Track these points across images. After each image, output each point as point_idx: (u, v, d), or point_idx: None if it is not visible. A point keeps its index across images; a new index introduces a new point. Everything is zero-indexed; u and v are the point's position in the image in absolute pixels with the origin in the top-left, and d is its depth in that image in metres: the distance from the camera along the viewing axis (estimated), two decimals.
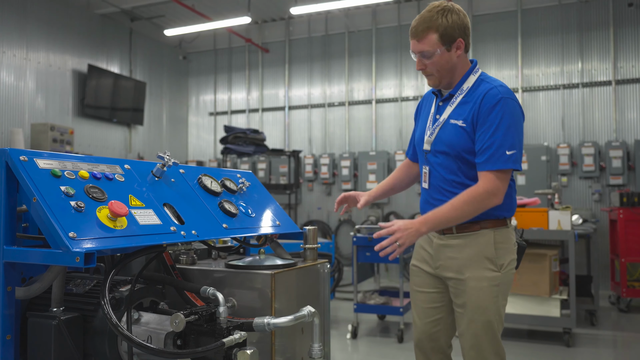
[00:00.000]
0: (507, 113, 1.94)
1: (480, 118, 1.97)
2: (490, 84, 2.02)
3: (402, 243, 1.88)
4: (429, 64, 2.04)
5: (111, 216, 1.44)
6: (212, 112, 10.55)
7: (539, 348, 4.54)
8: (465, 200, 1.93)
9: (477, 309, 2.02)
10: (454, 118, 2.05)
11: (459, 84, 2.08)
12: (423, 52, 2.02)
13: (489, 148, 1.93)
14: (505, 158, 1.92)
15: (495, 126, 1.93)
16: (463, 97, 2.05)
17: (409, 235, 1.89)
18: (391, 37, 8.96)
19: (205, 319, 1.48)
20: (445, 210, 1.95)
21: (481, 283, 2.01)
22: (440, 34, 1.98)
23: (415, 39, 2.03)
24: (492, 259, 2.03)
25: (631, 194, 6.04)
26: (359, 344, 4.76)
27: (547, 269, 4.58)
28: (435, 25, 1.98)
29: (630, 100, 7.54)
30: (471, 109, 2.00)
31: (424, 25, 1.99)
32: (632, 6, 7.53)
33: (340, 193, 8.92)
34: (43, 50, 7.76)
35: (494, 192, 1.93)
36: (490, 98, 1.97)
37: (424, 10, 2.04)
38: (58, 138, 7.34)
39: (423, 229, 1.92)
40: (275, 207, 2.10)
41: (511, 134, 1.94)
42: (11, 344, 1.45)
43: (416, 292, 2.27)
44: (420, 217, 1.99)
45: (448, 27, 1.98)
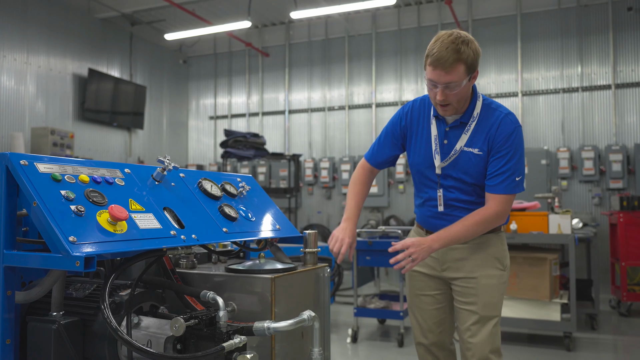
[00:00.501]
0: (519, 142, 2.09)
1: (496, 145, 2.07)
2: (500, 111, 2.12)
3: (415, 257, 2.00)
4: (450, 95, 2.02)
5: (111, 220, 1.44)
6: (212, 116, 10.56)
7: (540, 352, 4.53)
8: (477, 221, 2.07)
9: (488, 305, 2.17)
10: (468, 146, 2.12)
11: (469, 111, 2.12)
12: (450, 83, 1.98)
13: (502, 174, 2.06)
14: (515, 184, 2.08)
15: (511, 155, 2.06)
16: (475, 124, 2.11)
17: (422, 251, 2.00)
18: (391, 41, 8.98)
19: (205, 323, 1.47)
20: (457, 230, 2.07)
21: (491, 281, 2.17)
22: (468, 66, 1.99)
23: (442, 70, 1.96)
24: (500, 259, 2.21)
25: (631, 197, 6.04)
26: (359, 348, 4.75)
27: (548, 273, 4.57)
28: (464, 57, 1.96)
29: (630, 104, 7.55)
30: (486, 137, 2.09)
31: (454, 56, 1.95)
32: (632, 10, 7.55)
33: (341, 197, 8.99)
34: (43, 54, 7.78)
35: (503, 214, 2.10)
36: (506, 127, 2.07)
37: (445, 40, 1.97)
38: (58, 142, 7.35)
39: (435, 245, 2.03)
40: (276, 211, 2.10)
41: (521, 161, 2.09)
42: (11, 348, 1.45)
43: (419, 295, 2.34)
44: (432, 235, 2.08)
45: (474, 59, 2.00)
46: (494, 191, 2.07)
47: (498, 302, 2.19)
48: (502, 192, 2.07)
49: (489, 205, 2.08)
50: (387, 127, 2.32)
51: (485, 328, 2.15)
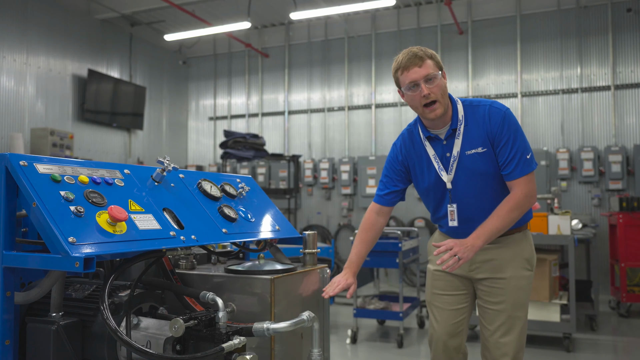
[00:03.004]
0: (514, 122, 2.14)
1: (496, 136, 2.13)
2: (484, 104, 2.19)
3: (461, 256, 2.01)
4: (433, 88, 2.11)
5: (111, 221, 1.44)
6: (212, 117, 10.56)
7: (539, 353, 4.53)
8: (510, 207, 2.09)
9: (517, 305, 2.22)
10: (468, 149, 2.16)
11: (454, 117, 2.19)
12: (428, 74, 2.10)
13: (513, 158, 2.11)
14: (529, 162, 2.13)
15: (513, 138, 2.11)
16: (464, 127, 2.18)
17: (467, 249, 2.02)
18: (391, 42, 8.98)
19: (204, 324, 1.47)
20: (494, 223, 2.09)
21: (521, 282, 2.23)
22: (434, 61, 2.13)
23: (415, 66, 2.10)
24: (529, 259, 2.27)
25: (630, 198, 6.04)
26: (358, 349, 4.75)
27: (547, 274, 4.57)
28: (428, 54, 2.13)
29: (629, 105, 7.56)
30: (483, 132, 2.14)
31: (420, 54, 2.12)
32: (631, 12, 7.55)
33: (340, 197, 9.00)
34: (43, 55, 7.78)
35: (531, 194, 2.13)
36: (496, 116, 2.14)
37: (407, 51, 2.17)
38: (58, 143, 7.35)
39: (478, 242, 2.05)
40: (275, 212, 2.10)
41: (524, 139, 2.15)
42: (10, 349, 1.45)
43: (439, 295, 2.37)
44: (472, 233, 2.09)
45: (436, 57, 2.16)
46: (513, 177, 2.11)
47: (526, 302, 2.25)
48: (521, 175, 2.10)
49: (515, 191, 2.11)
50: (385, 166, 2.39)
51: (516, 327, 2.21)
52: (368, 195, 8.60)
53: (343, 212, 9.03)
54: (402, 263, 4.83)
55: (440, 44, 8.57)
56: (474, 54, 8.41)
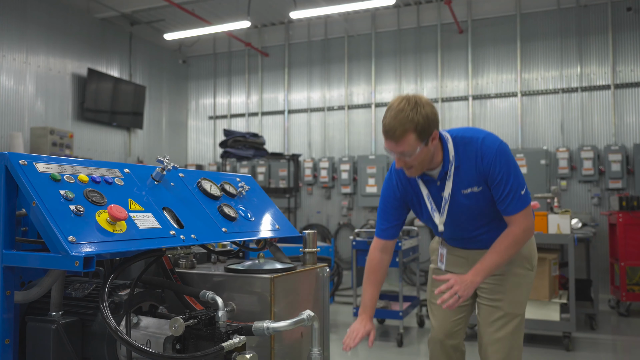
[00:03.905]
0: (506, 159, 2.07)
1: (489, 174, 2.08)
2: (475, 141, 2.09)
3: (461, 295, 2.03)
4: (409, 161, 2.04)
5: (110, 220, 1.44)
6: (212, 116, 10.56)
7: (539, 352, 4.53)
8: (509, 244, 2.10)
9: (515, 303, 2.24)
10: (464, 188, 2.13)
11: (445, 158, 2.12)
12: (403, 152, 2.00)
13: (507, 196, 2.08)
14: (523, 198, 2.09)
15: (507, 176, 2.06)
16: (455, 168, 2.12)
17: (467, 287, 2.04)
18: (390, 41, 8.98)
19: (204, 323, 1.47)
20: (493, 258, 2.10)
21: (519, 280, 2.26)
22: (418, 133, 1.96)
23: (392, 141, 1.99)
24: (529, 259, 2.29)
25: (630, 197, 6.04)
26: (358, 348, 4.75)
27: (547, 273, 4.57)
28: (412, 126, 1.95)
29: (629, 104, 7.56)
30: (476, 171, 2.09)
31: (401, 128, 1.95)
32: (631, 11, 7.55)
33: (340, 196, 8.99)
34: (43, 54, 7.77)
35: (528, 228, 2.13)
36: (488, 153, 2.07)
37: (395, 108, 1.98)
38: (58, 142, 7.34)
39: (477, 279, 2.08)
40: (275, 211, 2.10)
41: (517, 175, 2.09)
42: (10, 348, 1.45)
43: None
44: (471, 270, 2.10)
45: (425, 124, 1.96)
46: (509, 213, 2.10)
47: (524, 300, 2.26)
48: (516, 211, 2.09)
49: (512, 227, 2.11)
50: (382, 201, 2.32)
51: (510, 324, 2.23)
52: (368, 195, 8.61)
53: (343, 211, 9.03)
54: (401, 262, 4.83)
55: (440, 43, 8.57)
56: (474, 53, 8.40)
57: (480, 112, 8.36)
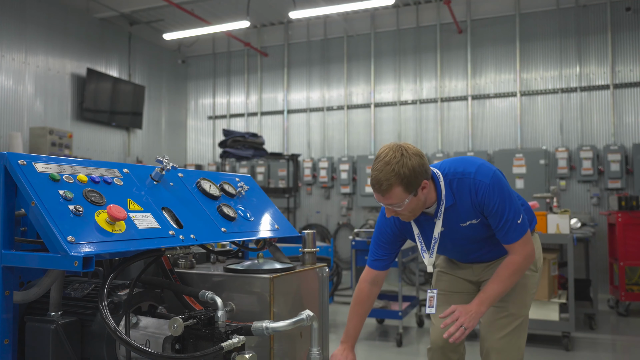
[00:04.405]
0: (500, 190, 2.05)
1: (486, 209, 2.08)
2: (467, 176, 2.07)
3: (467, 326, 2.02)
4: (400, 211, 2.03)
5: (110, 220, 1.44)
6: (211, 116, 10.55)
7: (538, 352, 4.53)
8: (511, 272, 2.11)
9: (517, 304, 2.25)
10: (463, 222, 2.13)
11: (439, 200, 2.10)
12: (391, 204, 2.00)
13: (504, 226, 2.08)
14: (520, 226, 2.09)
15: (501, 209, 2.05)
16: (447, 205, 2.10)
17: (472, 318, 2.03)
18: (390, 41, 8.98)
19: (203, 323, 1.47)
20: (496, 287, 2.10)
21: (525, 281, 2.26)
22: (405, 186, 1.93)
23: (379, 194, 1.97)
24: (534, 260, 2.23)
25: (629, 197, 6.04)
26: (357, 348, 4.73)
27: (546, 273, 4.57)
28: (398, 180, 1.91)
29: (628, 104, 7.56)
30: (473, 207, 2.09)
31: (387, 182, 1.92)
32: (630, 10, 7.55)
33: (339, 196, 9.00)
34: (42, 54, 7.77)
35: (529, 254, 2.13)
36: (482, 189, 2.05)
37: (382, 160, 1.94)
38: (57, 142, 7.34)
39: (482, 309, 2.07)
40: (274, 211, 2.10)
41: (512, 204, 2.07)
42: (9, 348, 1.45)
43: (441, 295, 2.39)
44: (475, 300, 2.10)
45: (411, 177, 1.93)
46: (507, 242, 2.11)
47: (527, 302, 2.27)
48: (515, 240, 2.09)
49: (513, 255, 2.12)
50: (376, 232, 2.28)
51: (513, 324, 2.24)
52: (367, 195, 8.61)
53: (342, 211, 9.03)
54: (401, 262, 4.83)
55: (440, 43, 8.57)
56: (473, 53, 8.41)
57: (479, 112, 8.36)
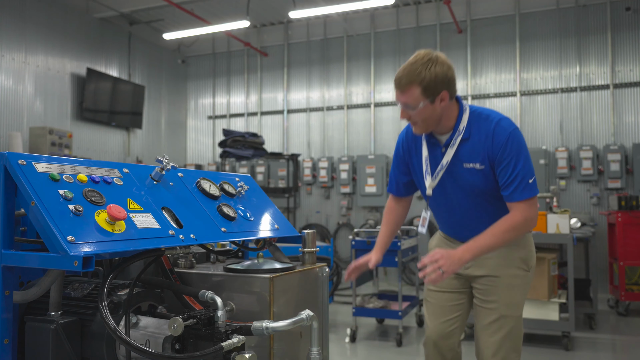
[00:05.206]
0: (520, 145, 2.05)
1: (497, 156, 2.05)
2: (491, 120, 2.08)
3: (445, 270, 1.95)
4: (412, 115, 2.06)
5: (110, 220, 1.43)
6: (211, 116, 10.55)
7: (538, 352, 4.54)
8: (507, 228, 2.04)
9: (510, 305, 2.19)
10: (467, 162, 2.10)
11: (455, 127, 2.11)
12: (406, 104, 2.04)
13: (513, 181, 2.03)
14: (530, 187, 2.04)
15: (515, 161, 2.03)
16: (464, 138, 2.10)
17: (452, 263, 1.96)
18: (390, 41, 8.98)
19: (203, 323, 1.47)
20: (488, 239, 2.04)
21: (515, 280, 2.20)
22: (424, 88, 1.98)
23: (398, 90, 2.05)
24: (524, 259, 2.22)
25: (629, 197, 6.04)
26: (357, 348, 4.75)
27: (546, 273, 4.58)
28: (418, 79, 1.97)
29: (628, 103, 7.56)
30: (484, 150, 2.07)
31: (407, 78, 2.00)
32: (630, 10, 7.56)
33: (339, 196, 9.00)
34: (42, 53, 7.77)
35: (531, 218, 2.07)
36: (501, 135, 2.04)
37: (409, 60, 2.03)
38: (57, 142, 7.34)
39: (467, 256, 2.01)
40: (274, 211, 2.10)
41: (528, 163, 2.06)
42: (9, 348, 1.45)
43: (435, 292, 2.36)
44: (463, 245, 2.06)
45: (431, 81, 1.98)
46: (512, 200, 2.05)
47: (520, 302, 2.22)
48: (520, 199, 2.04)
49: (515, 213, 2.05)
50: (393, 158, 2.42)
51: (506, 327, 2.18)
52: (367, 194, 8.61)
53: (342, 211, 9.03)
54: (401, 262, 4.84)
55: (439, 43, 8.56)
56: (473, 52, 8.41)
57: None
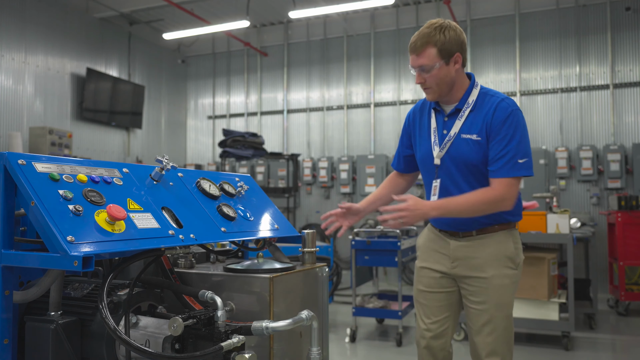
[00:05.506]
0: (519, 124, 2.08)
1: (494, 129, 2.08)
2: (497, 97, 2.14)
3: (405, 222, 1.99)
4: (428, 78, 2.11)
5: (109, 220, 1.43)
6: (211, 116, 10.55)
7: (538, 352, 4.54)
8: (481, 199, 2.04)
9: (499, 305, 2.16)
10: (465, 132, 2.14)
11: (464, 98, 2.17)
12: (422, 65, 2.09)
13: (503, 157, 2.05)
14: (518, 166, 2.05)
15: (510, 137, 2.05)
16: (470, 110, 2.15)
17: (415, 216, 1.99)
18: (389, 41, 8.98)
19: (203, 323, 1.47)
20: (459, 202, 2.05)
21: (504, 280, 2.16)
22: (439, 49, 2.07)
23: (414, 54, 2.11)
24: (512, 257, 2.19)
25: (629, 197, 6.04)
26: (357, 348, 4.75)
27: (546, 273, 4.57)
28: (433, 40, 2.07)
29: (628, 103, 7.56)
30: (483, 122, 2.11)
31: (422, 40, 2.09)
32: (630, 10, 7.56)
33: (339, 196, 8.99)
34: (42, 53, 7.77)
35: (507, 197, 2.06)
36: (502, 111, 2.08)
37: (422, 27, 2.12)
38: (56, 142, 7.34)
39: (432, 213, 2.03)
40: (274, 211, 2.10)
41: (523, 143, 2.08)
42: (9, 348, 1.45)
43: (425, 292, 2.33)
44: (431, 201, 2.08)
45: (446, 42, 2.08)
46: (496, 175, 2.06)
47: (509, 301, 2.20)
48: (504, 176, 2.04)
49: (494, 187, 2.06)
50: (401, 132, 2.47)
51: (498, 327, 2.16)
52: (367, 194, 8.59)
53: None
54: (401, 262, 4.83)
55: None
56: (473, 52, 8.40)
57: None
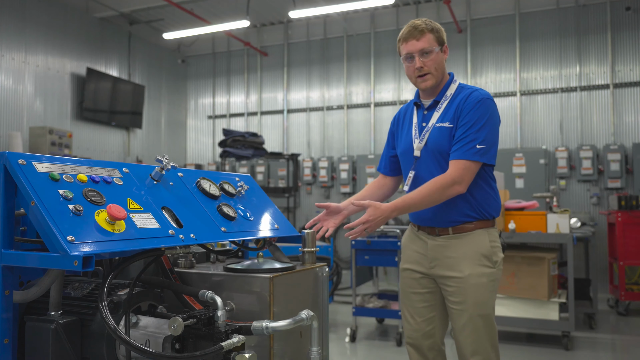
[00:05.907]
0: (485, 112, 2.12)
1: (461, 116, 2.14)
2: (472, 88, 2.22)
3: (369, 230, 2.07)
4: (427, 62, 2.18)
5: (110, 220, 1.43)
6: (211, 116, 10.55)
7: (538, 351, 4.54)
8: (433, 187, 2.07)
9: (478, 304, 2.14)
10: (439, 122, 2.20)
11: (442, 91, 2.25)
12: (424, 49, 2.17)
13: (462, 140, 2.10)
14: (475, 151, 2.07)
15: (473, 122, 2.10)
16: (447, 103, 2.22)
17: (378, 222, 2.06)
18: (389, 41, 8.98)
19: (203, 323, 1.47)
20: (413, 196, 2.09)
21: (481, 279, 2.14)
22: (435, 36, 2.20)
23: (414, 40, 2.18)
24: (488, 256, 2.17)
25: (629, 197, 6.04)
26: (357, 348, 4.75)
27: (546, 272, 4.57)
28: (429, 28, 2.20)
29: (628, 103, 7.56)
30: (456, 110, 2.17)
31: (422, 27, 2.19)
32: (630, 10, 7.56)
33: (339, 196, 8.99)
34: (42, 53, 7.77)
35: (458, 180, 2.07)
36: (472, 99, 2.15)
37: (408, 24, 2.24)
38: (56, 141, 7.34)
39: (393, 214, 2.08)
40: (274, 211, 2.10)
41: (486, 130, 2.10)
42: (9, 348, 1.45)
43: (409, 293, 2.34)
44: (390, 203, 2.11)
45: (439, 32, 2.23)
46: (452, 157, 2.10)
47: (489, 299, 2.15)
48: (460, 158, 2.07)
49: (447, 172, 2.09)
50: None
51: (479, 326, 2.13)
52: None
53: None
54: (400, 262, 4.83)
55: None
56: (473, 52, 8.40)
57: None
